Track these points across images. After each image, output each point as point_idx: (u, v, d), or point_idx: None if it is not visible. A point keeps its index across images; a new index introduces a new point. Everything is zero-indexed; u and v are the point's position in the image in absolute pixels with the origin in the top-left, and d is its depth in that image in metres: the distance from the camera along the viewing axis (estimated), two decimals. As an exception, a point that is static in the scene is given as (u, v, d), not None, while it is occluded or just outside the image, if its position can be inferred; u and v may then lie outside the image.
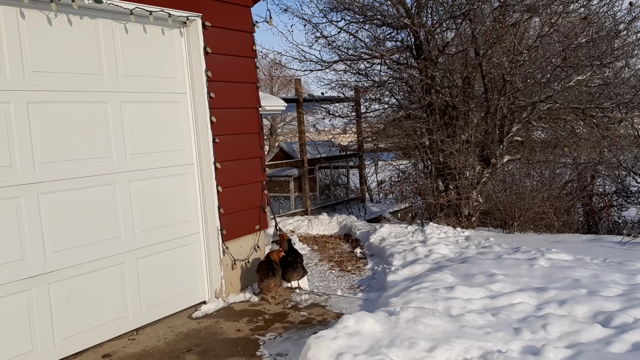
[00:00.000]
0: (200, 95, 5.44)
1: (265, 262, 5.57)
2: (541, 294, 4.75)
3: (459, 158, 9.30)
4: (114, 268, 4.79)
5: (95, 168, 4.65)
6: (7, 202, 4.05)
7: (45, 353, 4.28)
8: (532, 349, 3.74)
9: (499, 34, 8.67)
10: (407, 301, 4.78)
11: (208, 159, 5.50)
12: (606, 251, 6.67)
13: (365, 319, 4.02)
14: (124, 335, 4.85)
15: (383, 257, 7.13)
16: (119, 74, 4.84)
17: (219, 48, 5.54)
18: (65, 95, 4.42)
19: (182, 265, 5.42)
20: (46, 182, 4.28)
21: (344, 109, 12.87)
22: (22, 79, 4.14)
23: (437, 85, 9.63)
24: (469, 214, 9.52)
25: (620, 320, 4.07)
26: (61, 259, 4.38)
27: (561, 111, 9.29)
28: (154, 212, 5.14)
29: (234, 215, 5.73)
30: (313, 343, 3.71)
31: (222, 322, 5.07)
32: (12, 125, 4.08)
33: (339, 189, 14.45)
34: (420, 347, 3.71)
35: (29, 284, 4.17)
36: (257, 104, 6.09)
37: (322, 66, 11.15)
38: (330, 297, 5.70)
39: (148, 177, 5.09)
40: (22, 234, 4.14)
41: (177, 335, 4.81)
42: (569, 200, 11.29)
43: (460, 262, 6.02)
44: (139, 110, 5.01)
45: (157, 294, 5.16)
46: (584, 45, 8.89)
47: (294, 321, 5.03)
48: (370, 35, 10.81)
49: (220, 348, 4.48)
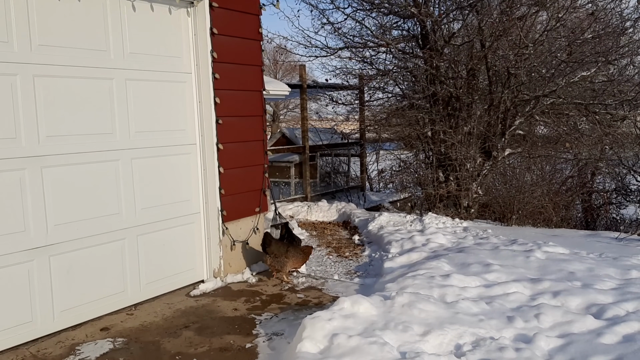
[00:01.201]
0: (205, 76, 5.46)
1: (280, 241, 5.73)
2: (536, 285, 4.80)
3: (461, 150, 9.33)
4: (114, 243, 4.84)
5: (99, 144, 4.68)
6: (11, 174, 4.09)
7: (44, 324, 4.35)
8: (524, 337, 3.80)
9: (506, 27, 8.66)
10: (403, 287, 4.83)
11: (211, 139, 5.53)
12: (602, 246, 6.72)
13: (361, 302, 4.07)
14: (122, 310, 4.91)
15: (381, 244, 7.19)
16: (125, 52, 4.86)
17: (226, 29, 5.55)
18: (71, 70, 4.45)
19: (181, 244, 5.47)
20: (50, 155, 4.32)
21: (347, 97, 12.89)
22: (29, 52, 4.16)
23: (441, 76, 9.63)
24: (468, 205, 9.57)
25: (612, 313, 4.12)
26: (63, 232, 4.43)
27: (564, 106, 9.31)
28: (155, 190, 5.18)
29: (234, 197, 5.77)
30: (309, 323, 3.76)
31: (220, 301, 5.13)
32: (18, 98, 4.11)
33: (340, 176, 14.48)
34: (414, 331, 3.77)
35: (30, 256, 4.22)
36: (261, 87, 6.11)
37: (327, 52, 11.15)
38: (327, 281, 5.76)
39: (151, 155, 5.12)
40: (25, 205, 4.18)
41: (175, 312, 4.87)
42: (569, 196, 11.32)
43: (457, 252, 6.08)
44: (143, 89, 5.03)
45: (156, 271, 5.22)
46: (590, 41, 8.89)
47: (290, 302, 5.09)
48: (376, 23, 10.81)
49: (217, 326, 4.54)
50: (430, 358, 3.41)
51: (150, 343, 4.22)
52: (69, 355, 4.02)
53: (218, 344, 4.17)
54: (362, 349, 3.47)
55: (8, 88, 4.05)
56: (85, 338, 4.34)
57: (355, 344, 3.52)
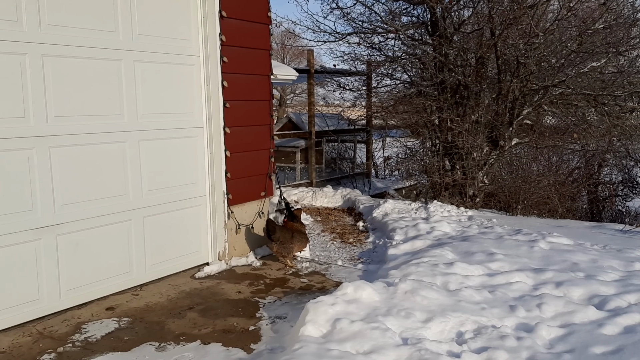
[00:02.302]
0: (213, 59, 5.45)
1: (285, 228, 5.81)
2: (539, 275, 4.82)
3: (468, 138, 9.30)
4: (120, 224, 4.88)
5: (107, 125, 4.70)
6: (20, 153, 4.12)
7: (50, 302, 4.40)
8: (525, 326, 3.83)
9: (516, 15, 8.58)
10: (406, 274, 4.86)
11: (218, 123, 5.54)
12: (607, 238, 6.72)
13: (364, 288, 4.10)
14: (127, 290, 4.97)
15: (385, 231, 7.21)
16: (134, 33, 4.85)
17: (235, 12, 5.53)
18: (80, 50, 4.45)
19: (187, 226, 5.51)
20: (58, 135, 4.34)
21: (355, 83, 12.84)
22: (38, 31, 4.16)
23: (450, 64, 9.58)
24: (474, 194, 9.56)
25: (614, 304, 4.14)
26: (70, 211, 4.47)
27: (573, 97, 9.25)
28: (162, 172, 5.20)
29: (240, 181, 5.79)
30: (312, 307, 3.80)
31: (224, 284, 5.18)
32: (27, 78, 4.12)
33: (345, 163, 14.48)
34: (416, 317, 3.80)
35: (37, 234, 4.27)
36: (269, 71, 6.10)
37: (335, 38, 11.09)
38: (331, 267, 5.79)
39: (158, 137, 5.14)
40: (33, 185, 4.22)
41: (180, 294, 4.92)
42: (575, 187, 11.29)
43: (461, 240, 6.09)
44: (152, 70, 5.03)
45: (161, 252, 5.26)
46: (601, 31, 8.81)
47: (293, 287, 5.13)
48: (386, 9, 10.73)
49: (221, 307, 4.59)
50: (432, 344, 3.45)
51: (154, 323, 4.27)
52: (75, 334, 4.08)
53: (222, 326, 4.21)
54: (364, 334, 3.51)
55: (17, 67, 4.06)
56: (91, 317, 4.40)
57: (358, 329, 3.56)
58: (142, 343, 3.92)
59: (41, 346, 3.88)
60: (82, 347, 3.86)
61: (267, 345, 3.86)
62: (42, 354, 3.77)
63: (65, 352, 3.79)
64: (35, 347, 3.88)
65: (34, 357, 3.73)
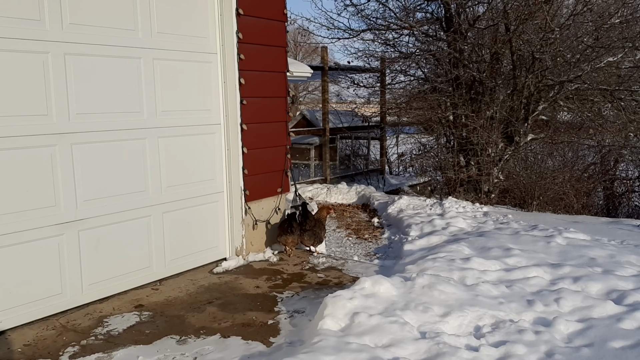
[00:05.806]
0: (230, 57, 5.50)
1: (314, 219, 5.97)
2: (556, 270, 4.82)
3: (483, 134, 9.29)
4: (140, 220, 4.95)
5: (127, 122, 4.77)
6: (43, 150, 4.20)
7: (73, 296, 4.48)
8: (543, 320, 3.84)
9: (531, 10, 8.55)
10: (423, 269, 4.88)
11: (235, 120, 5.59)
12: (624, 234, 6.69)
13: (382, 282, 4.13)
14: (147, 285, 5.04)
15: (400, 227, 7.23)
16: (153, 31, 4.92)
17: (251, 10, 5.58)
18: (101, 49, 4.52)
19: (205, 222, 5.57)
20: (80, 132, 4.42)
21: (369, 79, 12.85)
22: (60, 30, 4.24)
23: (464, 60, 9.56)
24: (489, 190, 9.55)
25: (633, 299, 4.13)
26: (92, 207, 4.54)
27: (589, 92, 9.19)
28: (180, 168, 5.27)
29: (257, 177, 5.84)
30: (330, 302, 3.84)
31: (242, 279, 5.23)
32: (49, 76, 4.20)
33: (359, 159, 14.50)
34: (434, 312, 3.83)
35: (60, 230, 4.35)
36: (285, 68, 6.14)
37: (349, 34, 11.12)
38: (347, 262, 5.83)
39: (176, 134, 5.20)
40: (56, 181, 4.30)
41: (199, 288, 4.99)
42: (590, 183, 11.22)
43: (477, 236, 6.10)
44: (170, 68, 5.10)
45: (180, 248, 5.33)
46: (617, 26, 8.75)
47: (311, 282, 5.17)
48: (400, 5, 10.74)
49: (240, 302, 4.65)
50: (450, 338, 3.47)
51: (175, 317, 4.34)
52: (97, 327, 4.16)
53: (241, 320, 4.27)
54: (382, 327, 3.54)
55: (40, 66, 4.14)
56: (113, 311, 4.47)
57: (376, 323, 3.60)
58: (163, 336, 3.99)
59: (65, 339, 3.96)
60: (104, 340, 3.93)
61: (286, 339, 3.90)
62: (66, 346, 3.84)
63: (88, 345, 3.86)
64: (59, 340, 3.96)
65: (58, 349, 3.81)
